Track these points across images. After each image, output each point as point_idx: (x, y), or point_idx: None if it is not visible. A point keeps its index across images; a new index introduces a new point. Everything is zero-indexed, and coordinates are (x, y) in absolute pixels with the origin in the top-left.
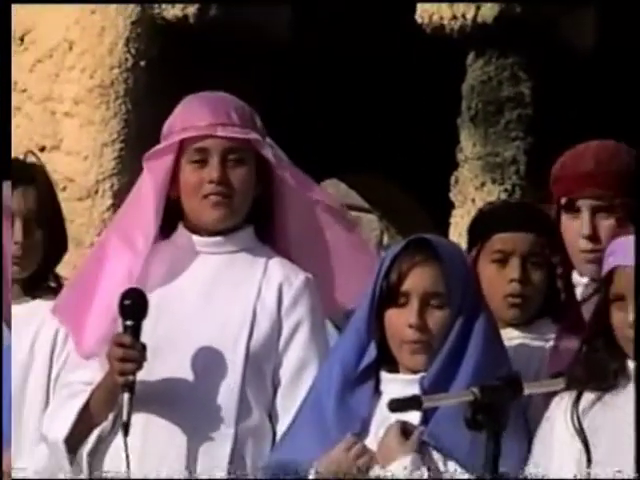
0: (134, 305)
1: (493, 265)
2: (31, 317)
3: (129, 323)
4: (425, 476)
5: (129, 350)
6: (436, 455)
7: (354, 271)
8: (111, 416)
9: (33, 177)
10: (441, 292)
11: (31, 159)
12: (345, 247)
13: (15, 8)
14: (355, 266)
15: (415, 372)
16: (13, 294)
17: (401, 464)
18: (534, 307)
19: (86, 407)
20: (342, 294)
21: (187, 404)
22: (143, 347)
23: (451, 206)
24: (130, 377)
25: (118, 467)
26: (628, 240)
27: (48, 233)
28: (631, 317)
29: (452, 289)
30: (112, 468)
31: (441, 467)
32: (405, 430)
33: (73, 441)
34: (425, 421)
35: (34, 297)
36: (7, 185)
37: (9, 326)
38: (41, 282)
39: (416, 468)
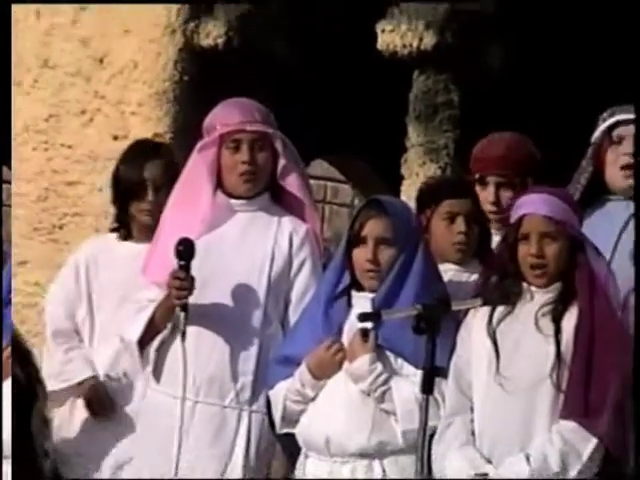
0: (185, 250)
1: (444, 222)
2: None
3: (182, 263)
4: (380, 368)
5: (183, 282)
6: (389, 354)
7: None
8: (169, 325)
9: (160, 153)
10: (389, 237)
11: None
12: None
13: (95, 38)
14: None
15: (374, 292)
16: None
17: (363, 360)
18: (471, 251)
19: (151, 318)
20: None
21: (226, 318)
22: (192, 279)
23: (402, 178)
24: (184, 300)
25: (177, 363)
26: (532, 196)
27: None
28: (533, 249)
29: (397, 234)
30: (173, 363)
31: (392, 362)
32: (365, 334)
33: (143, 342)
34: (374, 328)
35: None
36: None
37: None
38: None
39: (373, 362)
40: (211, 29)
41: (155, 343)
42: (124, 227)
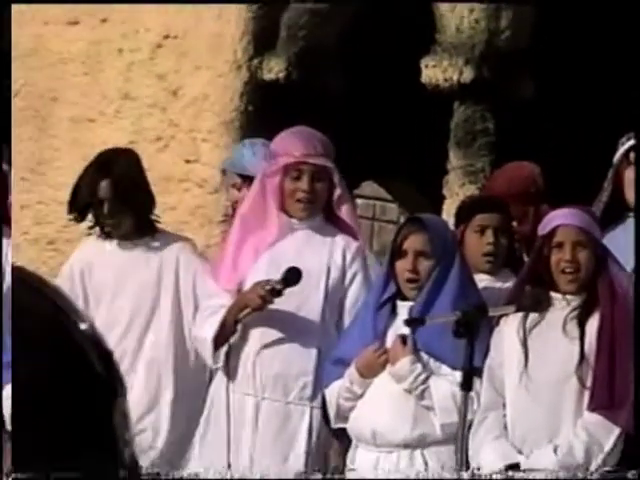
0: (292, 277)
1: (475, 234)
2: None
3: (278, 287)
4: (419, 369)
5: (265, 304)
6: (427, 356)
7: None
8: (239, 329)
9: (111, 171)
10: (427, 250)
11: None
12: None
13: (171, 73)
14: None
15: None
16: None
17: (404, 362)
18: (501, 261)
19: (223, 322)
20: None
21: (289, 324)
22: (271, 302)
23: (443, 198)
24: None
25: (246, 363)
26: (563, 210)
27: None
28: (568, 255)
29: (434, 248)
30: (242, 363)
31: (431, 363)
32: (404, 339)
33: (216, 344)
34: (413, 333)
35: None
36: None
37: None
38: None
39: (413, 364)
40: (273, 65)
41: (226, 345)
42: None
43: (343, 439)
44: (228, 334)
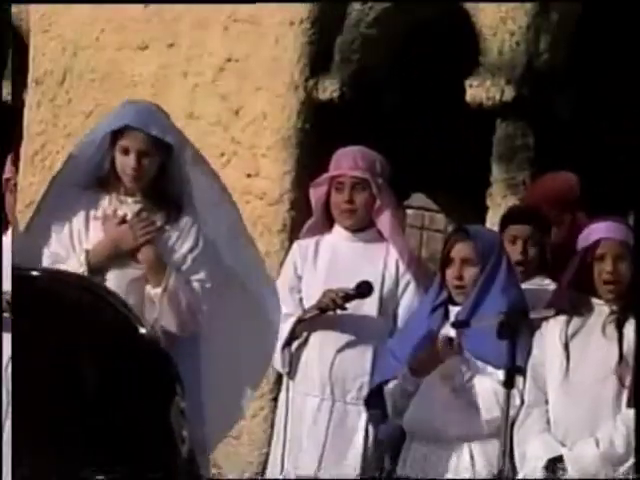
0: (365, 288)
1: (509, 244)
2: None
3: (352, 293)
4: (464, 369)
5: (335, 307)
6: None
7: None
8: (304, 334)
9: None
10: (472, 258)
11: None
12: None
13: (232, 94)
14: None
15: None
16: None
17: (450, 363)
18: (532, 268)
19: (293, 329)
20: None
21: (346, 328)
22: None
23: (487, 208)
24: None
25: (309, 366)
26: (606, 223)
27: None
28: (609, 267)
29: (479, 255)
30: (306, 366)
31: (478, 364)
32: (450, 341)
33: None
34: (458, 336)
35: None
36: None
37: None
38: None
39: (458, 364)
40: (328, 85)
41: (293, 348)
42: None
43: (396, 438)
44: (293, 340)
